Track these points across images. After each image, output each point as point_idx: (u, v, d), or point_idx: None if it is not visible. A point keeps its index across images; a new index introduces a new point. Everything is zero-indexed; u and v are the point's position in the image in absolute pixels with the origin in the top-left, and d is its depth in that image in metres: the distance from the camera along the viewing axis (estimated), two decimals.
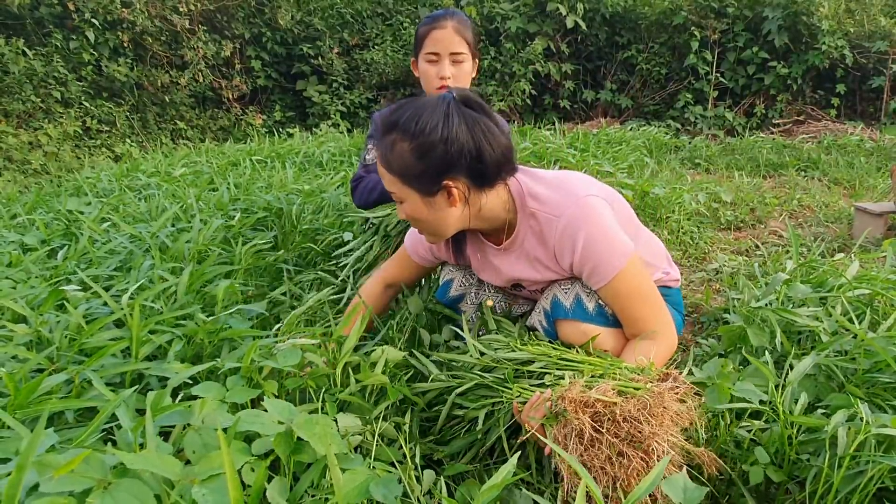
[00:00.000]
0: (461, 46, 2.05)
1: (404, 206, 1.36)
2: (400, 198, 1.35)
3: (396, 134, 1.30)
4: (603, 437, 1.04)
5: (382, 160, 1.33)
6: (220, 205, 2.80)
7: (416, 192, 1.31)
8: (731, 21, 7.73)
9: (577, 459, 1.03)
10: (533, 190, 1.40)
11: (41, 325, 1.45)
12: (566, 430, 1.07)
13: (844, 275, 1.92)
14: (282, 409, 1.00)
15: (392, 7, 8.54)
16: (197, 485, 0.79)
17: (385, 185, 1.37)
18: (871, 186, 4.56)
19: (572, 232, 1.32)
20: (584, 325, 1.38)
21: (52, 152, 6.01)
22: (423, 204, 1.33)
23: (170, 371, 1.25)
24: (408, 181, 1.30)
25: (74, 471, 0.78)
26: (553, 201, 1.36)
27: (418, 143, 1.26)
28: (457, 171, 1.29)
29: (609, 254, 1.31)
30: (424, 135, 1.26)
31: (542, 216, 1.37)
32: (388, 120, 1.33)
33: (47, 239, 2.43)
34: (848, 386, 1.41)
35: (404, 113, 1.30)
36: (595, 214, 1.32)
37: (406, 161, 1.28)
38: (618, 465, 1.03)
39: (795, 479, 1.25)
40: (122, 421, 1.02)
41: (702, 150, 5.99)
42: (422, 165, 1.27)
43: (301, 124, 7.90)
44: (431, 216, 1.35)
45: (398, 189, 1.34)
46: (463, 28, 2.05)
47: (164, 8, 7.15)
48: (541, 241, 1.41)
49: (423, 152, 1.26)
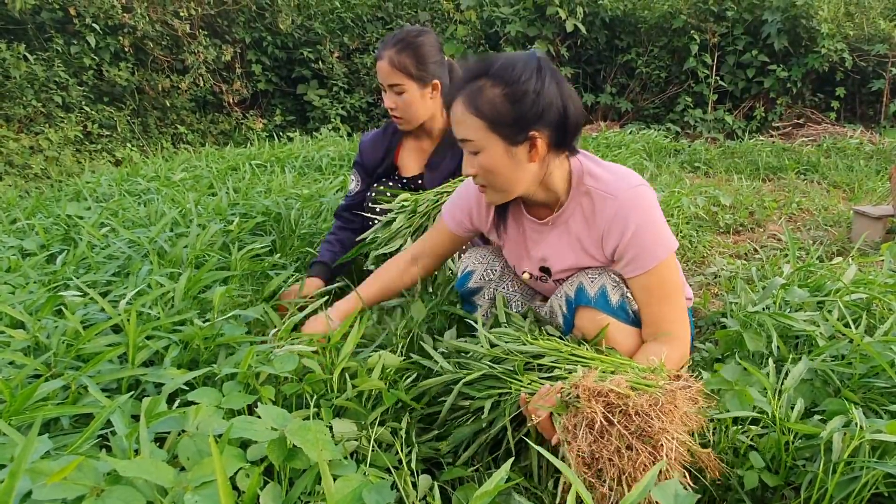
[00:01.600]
0: (396, 77, 2.04)
1: (480, 157, 1.33)
2: (479, 146, 1.32)
3: (487, 79, 1.29)
4: (613, 428, 1.04)
5: (469, 104, 1.30)
6: (218, 209, 2.81)
7: (500, 139, 1.30)
8: (731, 24, 7.73)
9: (586, 449, 1.03)
10: (592, 169, 1.42)
11: (39, 331, 1.45)
12: (576, 420, 1.07)
13: (842, 279, 1.92)
14: (276, 415, 1.00)
15: (392, 11, 8.56)
16: (189, 492, 0.79)
17: (462, 132, 1.33)
18: (870, 190, 4.56)
19: (625, 214, 1.34)
20: (603, 316, 1.38)
21: (52, 157, 6.02)
22: (504, 154, 1.32)
23: (166, 377, 1.25)
24: (495, 127, 1.29)
25: (67, 478, 0.78)
26: (611, 182, 1.38)
27: (511, 89, 1.27)
28: (543, 124, 1.30)
29: (654, 243, 1.34)
30: (519, 83, 1.27)
31: (598, 194, 1.38)
32: (474, 67, 1.32)
33: (46, 244, 2.43)
34: (844, 391, 1.41)
35: (495, 61, 1.30)
36: (649, 203, 1.35)
37: (497, 106, 1.28)
38: (626, 457, 1.03)
39: (791, 485, 1.25)
40: (116, 427, 1.02)
41: (701, 153, 5.99)
42: (513, 112, 1.28)
43: (301, 128, 7.91)
44: (507, 169, 1.34)
45: (482, 136, 1.31)
46: (400, 57, 2.03)
47: (165, 13, 7.17)
48: (588, 220, 1.42)
49: (516, 99, 1.27)
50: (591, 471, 1.04)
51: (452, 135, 2.18)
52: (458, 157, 2.22)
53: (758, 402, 1.27)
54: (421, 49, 2.06)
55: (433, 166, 2.23)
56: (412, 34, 2.08)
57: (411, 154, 2.29)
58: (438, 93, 2.13)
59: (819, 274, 2.17)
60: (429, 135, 2.24)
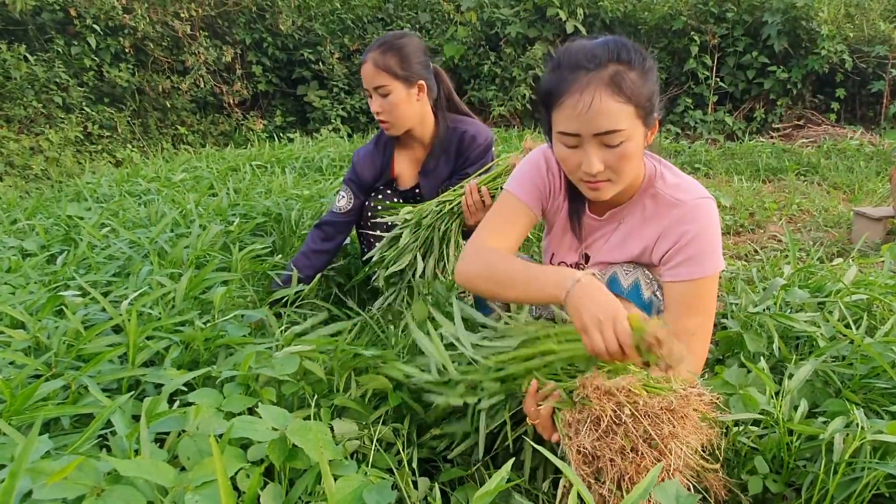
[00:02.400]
0: (381, 79, 2.02)
1: (624, 147, 1.24)
2: (628, 135, 1.22)
3: (620, 64, 1.21)
4: (620, 428, 1.00)
5: (616, 90, 1.20)
6: (219, 210, 2.81)
7: (641, 123, 1.25)
8: (731, 26, 7.74)
9: (588, 446, 1.00)
10: (665, 174, 1.41)
11: (39, 331, 1.45)
12: (581, 416, 1.04)
13: (842, 280, 1.92)
14: (276, 415, 1.00)
15: (392, 13, 8.56)
16: (190, 491, 0.79)
17: (611, 122, 1.21)
18: (870, 191, 4.56)
19: (690, 219, 1.33)
20: (634, 308, 1.34)
21: (53, 157, 6.02)
22: (642, 135, 1.27)
23: (166, 377, 1.25)
24: (640, 110, 1.23)
25: (68, 478, 0.78)
26: (680, 188, 1.38)
27: (644, 72, 1.24)
28: (659, 108, 1.30)
29: (706, 256, 1.32)
30: (645, 64, 1.25)
31: (664, 198, 1.38)
32: (597, 52, 1.23)
33: (47, 244, 2.43)
34: (845, 392, 1.41)
35: (617, 46, 1.24)
36: (712, 216, 1.35)
37: (640, 88, 1.22)
38: (629, 460, 0.99)
39: (793, 486, 1.25)
40: (117, 427, 1.02)
41: (701, 154, 5.99)
42: (650, 93, 1.25)
43: (302, 129, 7.91)
44: (639, 156, 1.30)
45: (631, 123, 1.22)
46: (384, 57, 2.02)
47: (166, 14, 7.17)
48: (648, 221, 1.40)
49: (649, 79, 1.25)
50: (590, 469, 1.01)
51: (444, 141, 2.18)
52: (451, 162, 2.20)
53: (761, 404, 1.27)
54: (404, 50, 2.04)
55: (427, 173, 2.21)
56: (395, 37, 2.07)
57: (406, 164, 2.26)
58: (425, 94, 2.10)
59: (819, 275, 2.17)
60: (420, 142, 2.21)
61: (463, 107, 2.28)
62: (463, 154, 2.17)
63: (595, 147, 1.25)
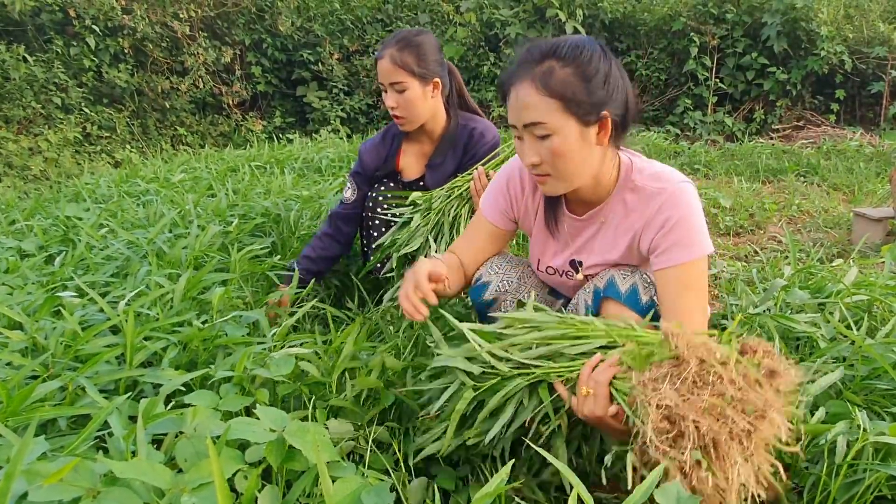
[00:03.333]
0: (398, 75, 2.04)
1: (551, 142, 1.28)
2: (552, 129, 1.27)
3: (554, 60, 1.27)
4: (706, 389, 0.89)
5: (541, 84, 1.26)
6: (217, 211, 2.80)
7: (574, 119, 1.27)
8: (730, 27, 7.74)
9: (673, 401, 0.88)
10: (639, 165, 1.42)
11: (36, 332, 1.45)
12: (660, 372, 0.94)
13: (843, 281, 1.92)
14: (274, 416, 0.99)
15: (392, 13, 8.56)
16: (186, 493, 0.78)
17: (532, 115, 1.27)
18: (870, 192, 4.56)
19: (671, 205, 1.34)
20: (631, 313, 1.37)
21: (52, 158, 6.02)
22: (578, 136, 1.28)
23: (163, 378, 1.24)
24: (570, 106, 1.26)
25: (63, 479, 0.78)
26: (658, 177, 1.38)
27: (583, 69, 1.26)
28: (612, 106, 1.30)
29: (692, 239, 1.32)
30: (589, 63, 1.27)
31: (646, 189, 1.38)
32: (536, 50, 1.29)
33: (45, 245, 2.42)
34: (846, 393, 1.40)
35: (560, 43, 1.28)
36: (693, 200, 1.35)
37: (571, 85, 1.25)
38: (722, 422, 0.87)
39: (795, 488, 1.25)
40: (114, 428, 1.01)
41: (701, 155, 5.99)
42: (586, 91, 1.26)
43: (301, 130, 7.91)
44: (578, 153, 1.30)
45: (555, 118, 1.26)
46: (402, 54, 2.03)
47: (165, 14, 7.17)
48: (630, 215, 1.41)
49: (588, 78, 1.26)
50: (673, 428, 0.89)
51: (452, 135, 2.20)
52: (457, 158, 2.22)
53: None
54: (422, 47, 2.06)
55: (434, 166, 2.23)
56: (413, 34, 2.09)
57: (412, 158, 2.28)
58: (439, 91, 2.13)
59: (820, 276, 2.16)
60: (429, 136, 2.24)
61: (473, 104, 2.32)
62: (470, 151, 2.20)
63: (529, 139, 1.31)
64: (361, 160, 2.31)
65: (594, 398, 1.05)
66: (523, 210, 1.60)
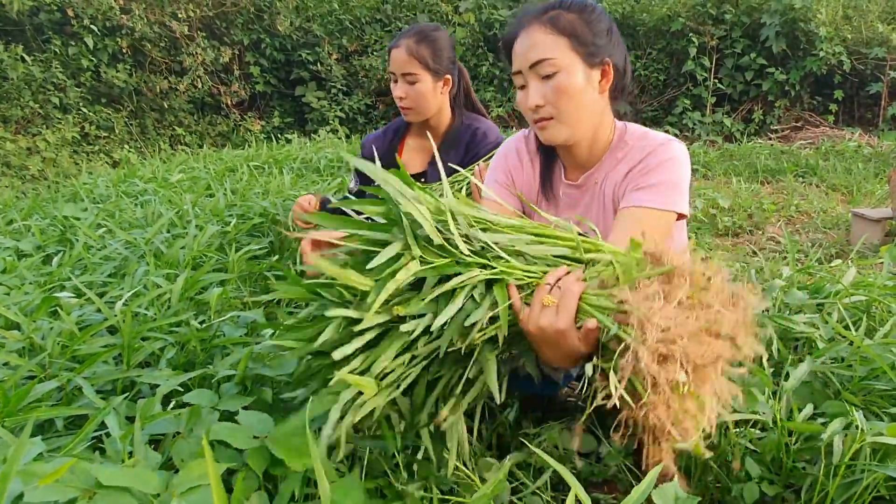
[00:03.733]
0: (412, 67, 2.04)
1: (557, 79, 1.27)
2: (559, 65, 1.27)
3: (561, 9, 1.30)
4: (693, 312, 0.84)
5: (549, 24, 1.28)
6: (216, 211, 2.80)
7: (580, 58, 1.28)
8: (729, 27, 7.75)
9: (668, 320, 0.82)
10: (634, 129, 1.42)
11: (34, 332, 1.44)
12: (650, 291, 0.86)
13: (841, 281, 1.92)
14: (258, 421, 0.99)
15: (391, 14, 8.56)
16: (176, 498, 0.78)
17: (540, 52, 1.28)
18: (868, 192, 4.57)
19: (658, 153, 1.32)
20: None
21: (50, 158, 6.01)
22: (583, 75, 1.29)
23: (161, 378, 1.24)
24: (576, 44, 1.28)
25: (59, 480, 0.77)
26: (651, 137, 1.38)
27: (588, 16, 1.30)
28: (614, 58, 1.32)
29: (663, 189, 1.29)
30: (593, 13, 1.31)
31: (636, 144, 1.37)
32: (542, 4, 1.32)
33: (43, 245, 2.42)
34: (844, 393, 1.40)
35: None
36: (679, 155, 1.33)
37: (578, 25, 1.28)
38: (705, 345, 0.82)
39: (792, 488, 1.24)
40: (111, 429, 1.01)
41: (700, 155, 5.99)
42: (592, 34, 1.29)
43: (300, 130, 7.91)
44: (581, 94, 1.30)
45: (563, 55, 1.27)
46: (418, 47, 2.04)
47: (164, 14, 7.17)
48: (621, 172, 1.38)
49: (593, 24, 1.30)
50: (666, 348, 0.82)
51: (456, 133, 2.20)
52: (459, 156, 2.22)
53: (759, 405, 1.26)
54: (438, 42, 2.08)
55: (436, 163, 2.24)
56: (430, 28, 2.11)
57: (414, 152, 2.29)
58: (448, 88, 2.14)
59: (818, 276, 2.16)
60: (433, 132, 2.24)
61: (479, 106, 2.33)
62: (472, 150, 2.20)
63: (534, 80, 1.31)
64: (363, 152, 2.33)
65: (558, 309, 0.93)
66: (523, 181, 1.56)
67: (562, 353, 0.96)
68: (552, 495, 1.31)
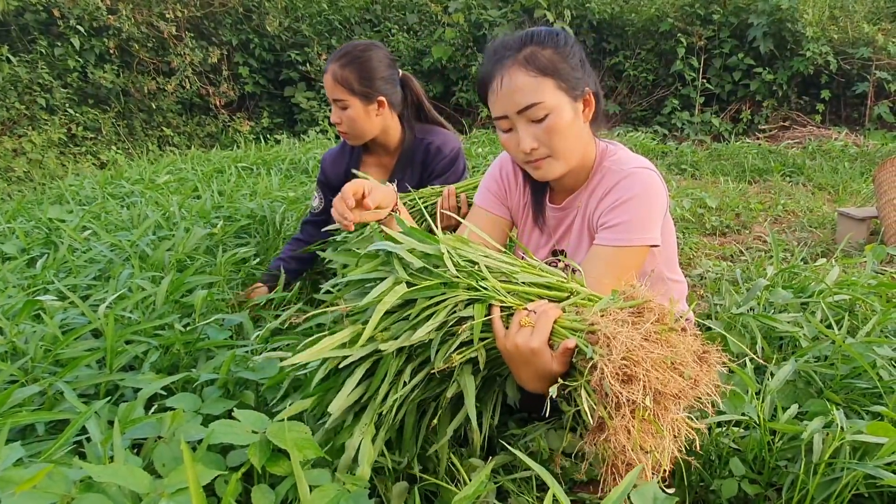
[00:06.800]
0: (339, 93, 1.99)
1: (549, 120, 1.29)
2: (550, 107, 1.28)
3: (533, 45, 1.29)
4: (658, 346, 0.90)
5: (530, 67, 1.28)
6: (202, 212, 2.78)
7: (566, 95, 1.29)
8: (717, 28, 7.79)
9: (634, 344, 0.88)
10: (611, 149, 1.44)
11: (16, 336, 1.43)
12: (619, 317, 0.93)
13: (825, 280, 1.93)
14: (254, 418, 0.99)
15: (380, 14, 8.55)
16: (165, 498, 0.78)
17: (528, 97, 1.28)
18: (854, 191, 4.61)
19: (626, 187, 1.33)
20: None
21: (36, 159, 5.96)
22: (571, 112, 1.31)
23: (144, 382, 1.23)
24: (560, 82, 1.28)
25: (37, 486, 0.77)
26: (627, 161, 1.39)
27: (561, 50, 1.30)
28: (590, 85, 1.34)
29: (633, 225, 1.31)
30: (565, 45, 1.31)
31: (612, 170, 1.39)
32: (511, 41, 1.32)
33: (27, 247, 2.40)
34: (826, 392, 1.41)
35: (531, 32, 1.32)
36: (650, 187, 1.34)
37: (556, 61, 1.28)
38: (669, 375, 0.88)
39: (774, 486, 1.25)
40: (91, 433, 1.00)
41: (688, 155, 6.02)
42: (570, 66, 1.30)
43: (289, 131, 7.88)
44: (572, 129, 1.31)
45: (551, 95, 1.28)
46: (343, 72, 1.98)
47: (151, 14, 7.12)
48: (597, 194, 1.41)
49: (569, 56, 1.30)
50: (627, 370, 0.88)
51: (409, 152, 2.17)
52: (417, 173, 2.19)
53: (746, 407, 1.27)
54: (367, 64, 2.00)
55: (393, 182, 2.22)
56: (358, 48, 2.02)
57: (373, 169, 2.24)
58: (386, 108, 2.07)
59: (803, 275, 2.18)
60: (386, 150, 2.20)
61: (433, 115, 2.25)
62: (429, 167, 2.16)
63: (524, 125, 1.31)
64: (323, 169, 2.28)
65: (533, 329, 0.99)
66: (515, 201, 1.61)
67: (536, 372, 1.01)
68: (538, 495, 1.31)
